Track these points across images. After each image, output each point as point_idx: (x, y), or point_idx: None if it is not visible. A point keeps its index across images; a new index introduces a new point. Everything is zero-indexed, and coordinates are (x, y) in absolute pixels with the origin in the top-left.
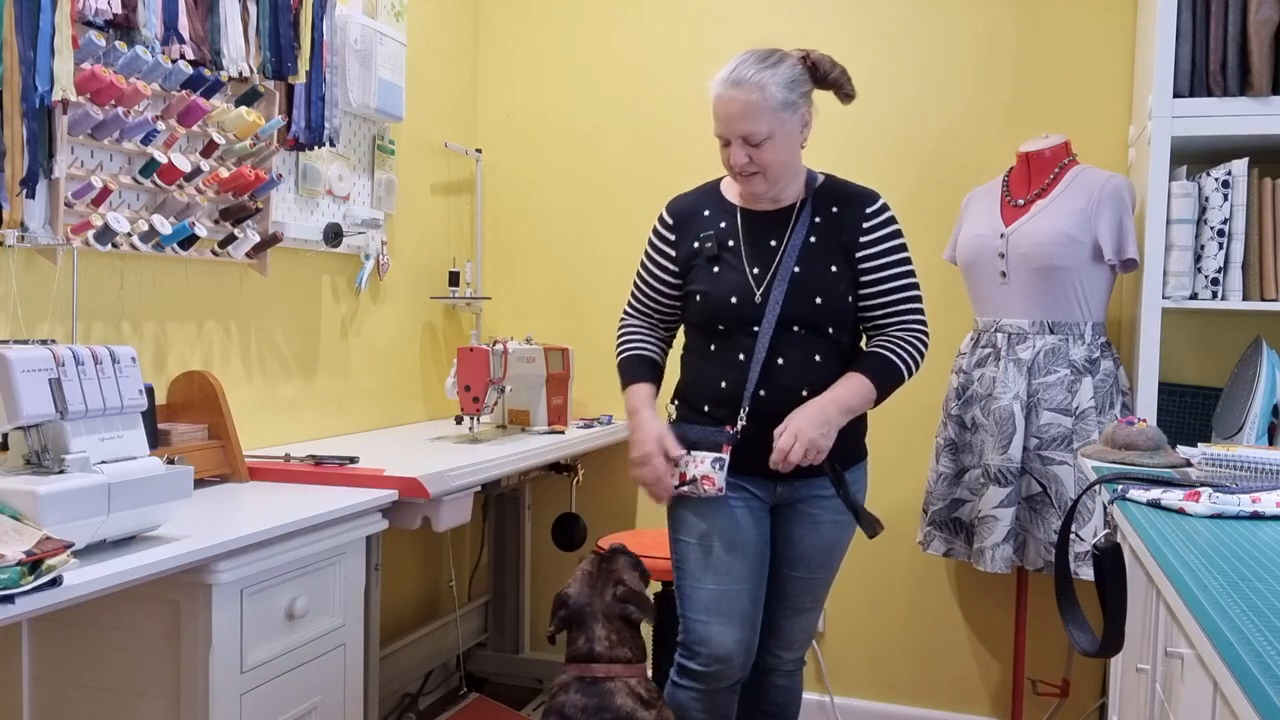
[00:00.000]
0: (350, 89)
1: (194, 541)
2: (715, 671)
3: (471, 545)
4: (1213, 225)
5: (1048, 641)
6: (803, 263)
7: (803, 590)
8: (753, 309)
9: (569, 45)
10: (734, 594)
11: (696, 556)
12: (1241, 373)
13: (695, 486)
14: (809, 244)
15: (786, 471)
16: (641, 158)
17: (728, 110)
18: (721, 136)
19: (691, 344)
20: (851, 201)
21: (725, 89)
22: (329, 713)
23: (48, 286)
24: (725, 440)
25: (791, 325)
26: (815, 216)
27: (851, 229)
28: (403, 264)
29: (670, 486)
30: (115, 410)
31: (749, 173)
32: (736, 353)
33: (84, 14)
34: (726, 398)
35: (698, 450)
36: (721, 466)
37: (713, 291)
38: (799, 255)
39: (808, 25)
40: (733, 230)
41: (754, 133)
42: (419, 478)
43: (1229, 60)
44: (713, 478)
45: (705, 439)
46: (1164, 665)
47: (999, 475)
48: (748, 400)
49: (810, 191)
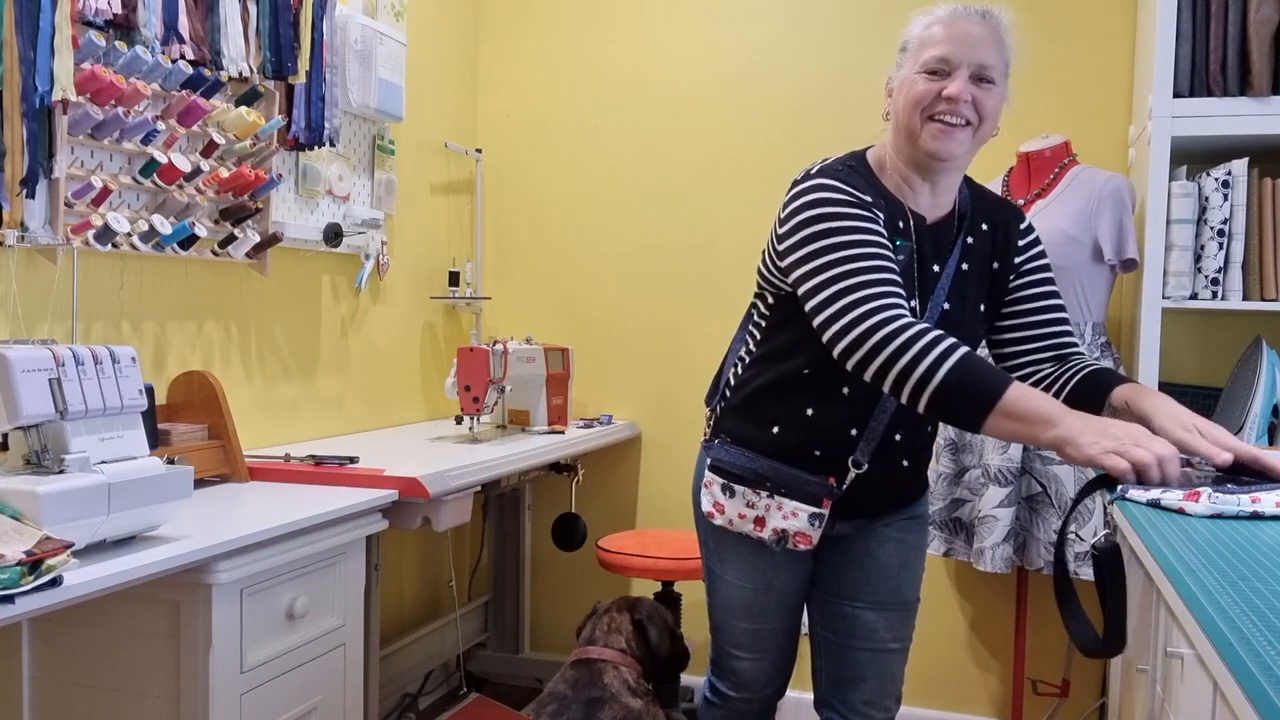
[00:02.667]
0: (350, 89)
1: (194, 541)
2: (746, 697)
3: (471, 545)
4: (1213, 225)
5: (1048, 641)
6: (953, 298)
7: (877, 624)
8: None
9: (569, 45)
10: (769, 632)
11: (742, 599)
12: (1241, 373)
13: (783, 541)
14: (960, 273)
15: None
16: (641, 158)
17: (968, 33)
18: (945, 60)
19: (782, 355)
20: (1005, 216)
21: (967, 16)
22: (329, 713)
23: (48, 286)
24: (826, 494)
25: None
26: (969, 237)
27: (1006, 252)
28: (403, 264)
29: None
30: (115, 410)
31: (961, 119)
32: (859, 388)
33: (84, 14)
34: (842, 444)
35: (784, 498)
36: (820, 524)
37: None
38: (950, 288)
39: (807, 26)
40: (908, 239)
41: (991, 66)
42: (419, 478)
43: (1229, 60)
44: (810, 536)
45: (800, 486)
46: (1164, 665)
47: (999, 475)
48: (865, 455)
49: (966, 201)
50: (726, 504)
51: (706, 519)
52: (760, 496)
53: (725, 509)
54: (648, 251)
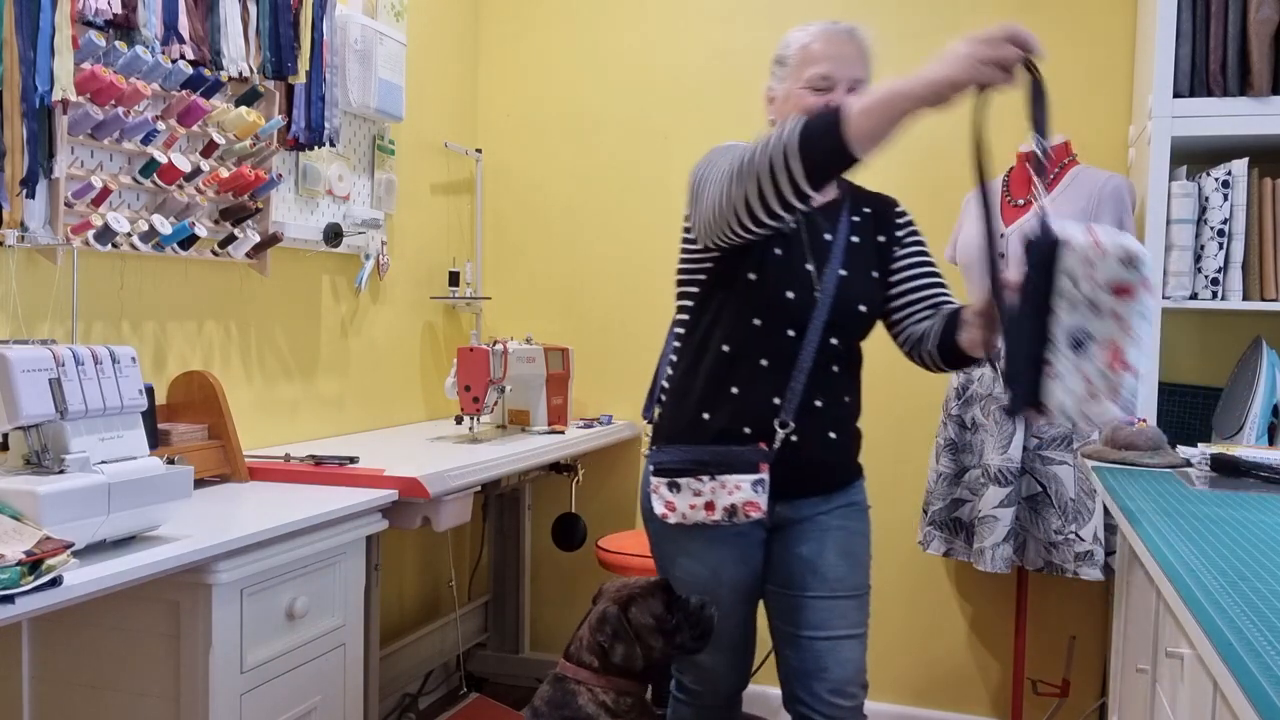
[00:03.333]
0: (350, 89)
1: (194, 541)
2: (711, 690)
3: (471, 545)
4: (1213, 225)
5: (1048, 641)
6: (849, 266)
7: (829, 612)
8: (805, 311)
9: (569, 45)
10: (730, 628)
11: (699, 589)
12: (1241, 373)
13: (734, 515)
14: (852, 244)
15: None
16: (641, 158)
17: (843, 51)
18: (828, 78)
19: (703, 345)
20: (882, 203)
21: (840, 33)
22: (329, 713)
23: (48, 286)
24: (762, 458)
25: (830, 335)
26: (854, 216)
27: (887, 228)
28: (403, 264)
29: None
30: (115, 410)
31: None
32: (776, 359)
33: (84, 14)
34: (768, 413)
35: (724, 475)
36: (764, 489)
37: (771, 278)
38: (844, 257)
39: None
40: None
41: (862, 80)
42: (419, 478)
43: (1229, 60)
44: (757, 502)
45: (736, 459)
46: (1164, 665)
47: (999, 475)
48: (789, 413)
49: (846, 189)
50: (676, 500)
51: (660, 520)
52: (704, 482)
53: (676, 505)
54: (648, 251)
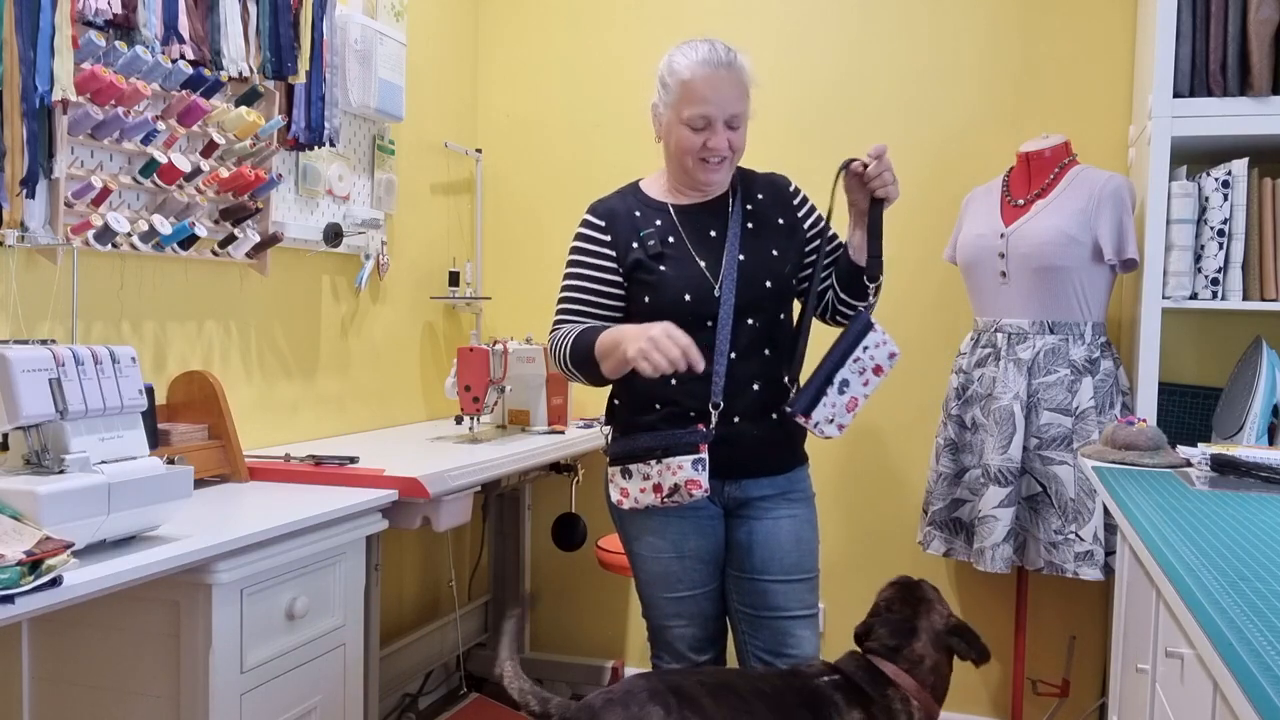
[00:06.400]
0: (350, 89)
1: (194, 541)
2: (688, 664)
3: (471, 545)
4: (1213, 225)
5: (1048, 641)
6: (746, 250)
7: (787, 596)
8: (710, 303)
9: (569, 46)
10: (691, 599)
11: (659, 570)
12: (1241, 373)
13: (679, 494)
14: (747, 230)
15: (874, 165)
16: (641, 158)
17: (720, 92)
18: (706, 119)
19: None
20: (774, 184)
21: (717, 69)
22: (329, 713)
23: (48, 286)
24: (700, 439)
25: (745, 316)
26: (746, 204)
27: (786, 210)
28: (403, 264)
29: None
30: (115, 410)
31: (722, 158)
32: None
33: (84, 14)
34: (699, 395)
35: (668, 457)
36: (703, 467)
37: (665, 291)
38: (740, 244)
39: (807, 26)
40: (670, 227)
41: (739, 114)
42: (419, 478)
43: (1229, 60)
44: (699, 480)
45: (676, 442)
46: (1164, 665)
47: (999, 475)
48: (719, 394)
49: (737, 181)
50: (629, 486)
51: (617, 508)
52: (651, 465)
53: (629, 491)
54: None
